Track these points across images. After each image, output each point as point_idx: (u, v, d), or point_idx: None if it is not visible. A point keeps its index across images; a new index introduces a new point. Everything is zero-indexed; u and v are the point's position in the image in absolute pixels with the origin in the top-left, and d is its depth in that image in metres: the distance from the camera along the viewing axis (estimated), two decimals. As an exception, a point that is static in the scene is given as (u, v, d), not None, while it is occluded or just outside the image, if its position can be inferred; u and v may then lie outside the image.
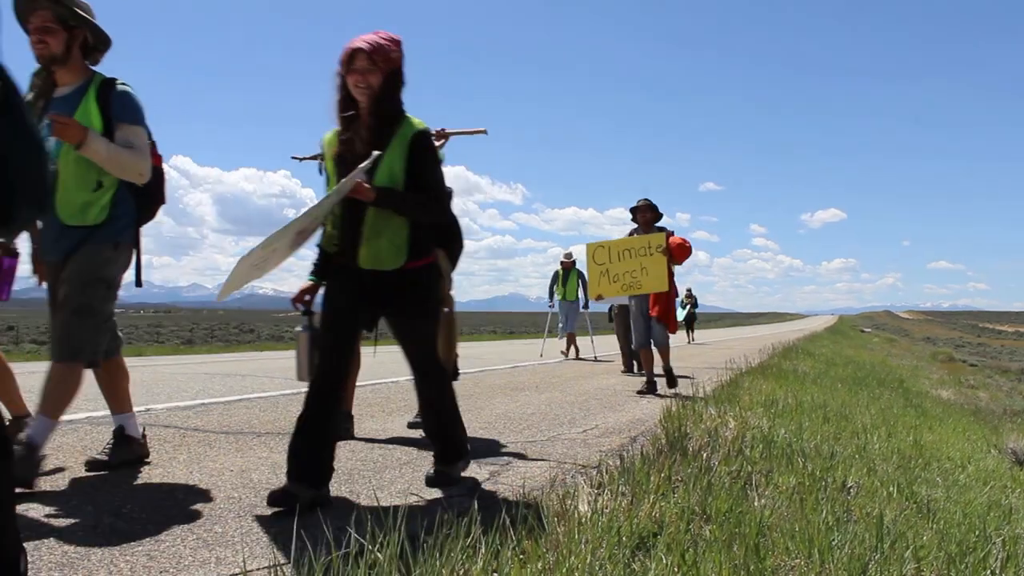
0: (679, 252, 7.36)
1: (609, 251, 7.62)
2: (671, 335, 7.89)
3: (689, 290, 27.26)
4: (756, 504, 3.00)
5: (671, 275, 7.46)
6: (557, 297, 14.28)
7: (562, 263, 14.20)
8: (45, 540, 2.54)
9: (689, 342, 25.09)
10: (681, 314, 25.85)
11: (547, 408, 6.43)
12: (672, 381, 7.98)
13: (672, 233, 7.52)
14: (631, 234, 7.87)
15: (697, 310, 27.50)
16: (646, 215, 7.86)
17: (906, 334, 64.62)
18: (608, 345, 15.23)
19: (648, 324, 7.69)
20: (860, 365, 15.46)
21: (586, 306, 13.60)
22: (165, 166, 3.66)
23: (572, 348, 14.07)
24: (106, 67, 3.41)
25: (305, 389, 3.07)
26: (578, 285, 13.86)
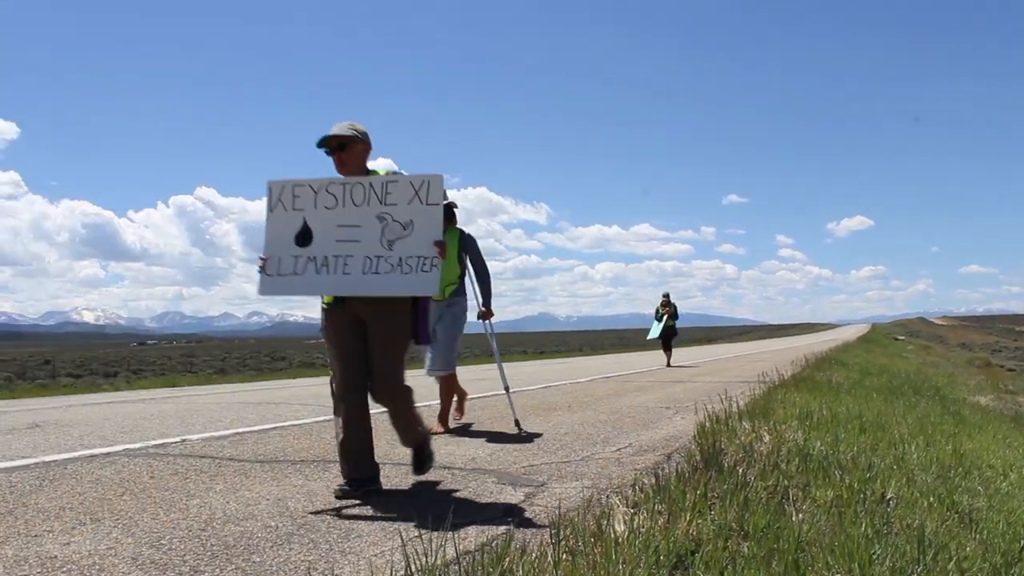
0: None
1: None
2: None
3: (667, 296, 19.36)
4: (794, 519, 2.97)
5: None
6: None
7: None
8: (86, 572, 2.59)
9: (666, 364, 18.27)
10: (657, 329, 19.00)
11: (580, 428, 6.41)
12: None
13: None
14: None
15: (677, 322, 19.17)
16: None
17: (941, 340, 63.54)
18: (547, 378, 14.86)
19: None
20: (895, 374, 15.22)
21: (485, 315, 6.31)
22: (191, 198, 3.83)
23: (453, 401, 6.62)
24: (129, 101, 3.51)
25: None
26: (462, 263, 6.32)
